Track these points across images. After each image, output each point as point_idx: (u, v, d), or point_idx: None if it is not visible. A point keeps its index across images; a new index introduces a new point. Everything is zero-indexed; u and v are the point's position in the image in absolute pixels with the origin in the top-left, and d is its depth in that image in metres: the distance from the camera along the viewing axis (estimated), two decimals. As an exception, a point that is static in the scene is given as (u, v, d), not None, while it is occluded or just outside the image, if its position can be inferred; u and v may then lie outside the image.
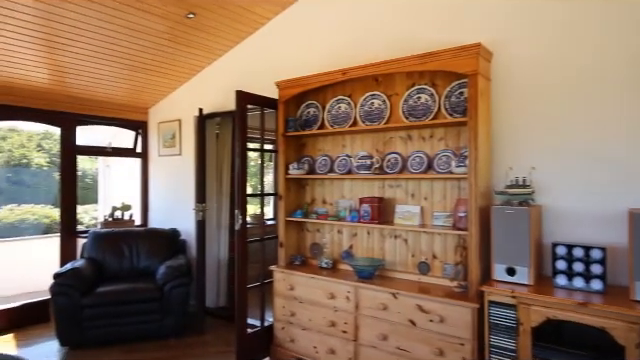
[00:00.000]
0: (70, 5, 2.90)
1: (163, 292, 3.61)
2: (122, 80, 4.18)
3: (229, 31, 3.73)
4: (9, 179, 8.97)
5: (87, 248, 4.10)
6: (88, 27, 3.20)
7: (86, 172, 8.32)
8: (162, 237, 4.28)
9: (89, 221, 6.88)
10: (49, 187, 9.15)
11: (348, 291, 2.81)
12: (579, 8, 2.33)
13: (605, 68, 2.25)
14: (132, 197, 5.14)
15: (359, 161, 3.00)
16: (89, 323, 3.45)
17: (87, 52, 3.54)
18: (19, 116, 4.15)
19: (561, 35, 2.39)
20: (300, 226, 3.51)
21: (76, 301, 3.41)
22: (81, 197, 4.60)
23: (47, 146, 10.62)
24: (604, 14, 2.26)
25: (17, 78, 3.73)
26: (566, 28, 2.37)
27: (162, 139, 4.85)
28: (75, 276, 3.50)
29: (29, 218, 6.66)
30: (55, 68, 3.72)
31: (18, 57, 3.42)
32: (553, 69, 2.41)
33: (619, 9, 2.22)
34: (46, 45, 3.34)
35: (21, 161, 9.71)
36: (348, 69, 2.93)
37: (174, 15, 3.28)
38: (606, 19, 2.25)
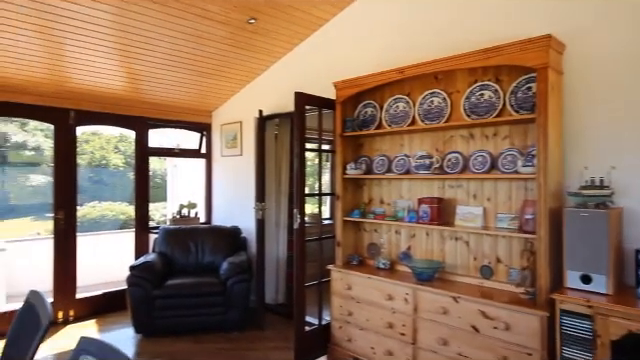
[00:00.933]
0: (143, 17, 3.13)
1: (226, 287, 3.79)
2: (189, 85, 4.44)
3: (288, 34, 3.82)
4: (91, 179, 9.86)
5: (158, 243, 4.40)
6: (159, 37, 3.43)
7: (156, 172, 8.93)
8: (224, 234, 4.48)
9: (159, 218, 7.38)
10: (125, 186, 9.93)
11: (406, 293, 2.77)
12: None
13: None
14: (197, 196, 5.43)
15: (418, 161, 2.93)
16: (160, 313, 3.71)
17: (158, 60, 3.79)
18: (102, 121, 4.54)
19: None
20: (357, 226, 3.51)
21: (148, 292, 3.68)
22: (152, 195, 4.93)
23: (123, 148, 11.54)
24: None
25: (99, 86, 4.10)
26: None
27: (224, 140, 5.08)
28: (147, 269, 3.77)
29: (108, 214, 7.29)
30: (130, 76, 4.03)
31: (99, 67, 3.74)
32: (637, 60, 2.20)
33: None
34: (123, 55, 3.63)
35: (101, 162, 10.63)
36: (406, 67, 2.88)
37: (236, 21, 3.42)
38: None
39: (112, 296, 4.45)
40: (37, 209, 8.47)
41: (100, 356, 1.24)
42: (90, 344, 1.29)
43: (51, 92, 3.98)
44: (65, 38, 3.23)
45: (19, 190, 8.64)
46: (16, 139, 9.55)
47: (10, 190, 8.30)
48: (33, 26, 3.01)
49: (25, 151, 9.89)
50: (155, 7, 3.03)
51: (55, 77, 3.79)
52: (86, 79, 3.91)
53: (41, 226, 7.15)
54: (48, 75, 3.73)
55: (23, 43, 3.18)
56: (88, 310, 4.28)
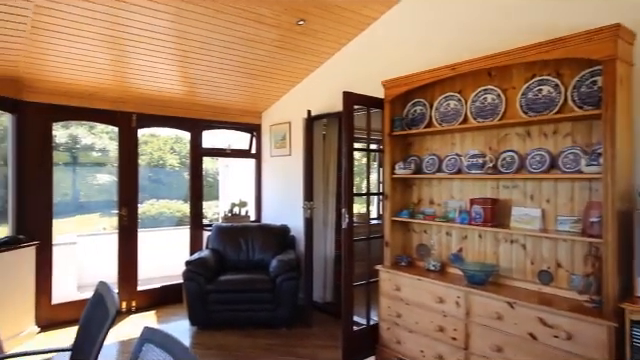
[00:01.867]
0: (200, 23, 3.27)
1: (275, 284, 3.87)
2: (240, 87, 4.58)
3: (336, 34, 3.83)
4: (150, 178, 10.44)
5: (211, 240, 4.59)
6: (213, 41, 3.57)
7: (208, 172, 9.30)
8: (274, 232, 4.58)
9: (212, 216, 7.68)
10: (180, 185, 10.42)
11: (458, 296, 2.69)
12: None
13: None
14: (247, 194, 5.59)
15: (470, 160, 2.84)
16: (213, 307, 3.86)
17: (212, 64, 3.95)
18: (160, 123, 4.80)
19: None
20: (406, 226, 3.46)
21: (202, 287, 3.84)
22: (205, 194, 5.14)
23: (178, 149, 12.13)
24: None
25: (158, 91, 4.34)
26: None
27: (273, 140, 5.19)
28: (202, 264, 3.94)
29: (165, 212, 7.69)
30: (187, 80, 4.23)
31: (159, 72, 3.97)
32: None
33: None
34: (180, 60, 3.82)
35: (158, 162, 11.24)
36: (458, 64, 2.80)
37: (285, 23, 3.48)
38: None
39: (170, 289, 4.69)
40: (103, 206, 9.10)
41: (162, 345, 1.32)
42: (153, 334, 1.37)
43: (116, 97, 4.27)
44: (129, 47, 3.45)
45: (88, 188, 9.35)
46: (85, 141, 10.34)
47: (80, 188, 9.00)
48: (101, 36, 3.24)
49: (93, 152, 10.68)
50: (211, 13, 3.16)
51: (119, 83, 4.06)
52: (147, 84, 4.16)
53: (107, 222, 7.69)
54: (114, 81, 4.00)
55: (92, 52, 3.44)
56: (148, 301, 4.56)
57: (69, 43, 3.25)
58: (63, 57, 3.44)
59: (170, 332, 1.34)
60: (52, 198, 3.97)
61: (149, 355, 1.37)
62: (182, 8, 3.05)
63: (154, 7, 2.98)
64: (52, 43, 3.22)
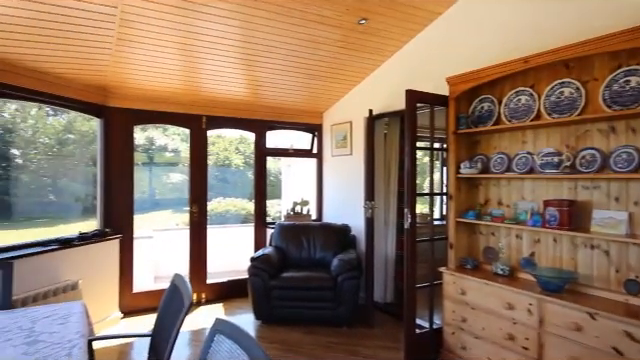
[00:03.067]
0: (265, 27, 3.39)
1: (336, 283, 3.90)
2: (302, 88, 4.67)
3: (398, 31, 3.78)
4: (216, 177, 11.00)
5: (274, 237, 4.73)
6: (278, 44, 3.68)
7: (271, 171, 9.61)
8: (335, 231, 4.62)
9: (274, 214, 7.92)
10: (244, 184, 10.87)
11: (530, 303, 2.53)
12: None
13: None
14: (309, 193, 5.69)
15: (544, 159, 2.66)
16: (276, 303, 3.99)
17: (276, 66, 4.07)
18: (228, 125, 5.04)
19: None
20: (472, 228, 3.32)
21: (266, 282, 3.98)
22: (268, 193, 5.30)
23: (242, 149, 12.65)
24: None
25: (226, 93, 4.56)
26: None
27: (335, 140, 5.23)
28: (266, 261, 4.08)
29: (231, 209, 8.06)
30: (252, 82, 4.40)
31: (227, 76, 4.17)
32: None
33: None
34: (246, 64, 3.98)
35: (224, 162, 11.81)
36: (531, 56, 2.63)
37: (347, 23, 3.50)
38: None
39: (236, 284, 4.92)
40: (175, 203, 9.75)
41: (232, 337, 1.39)
42: (224, 325, 1.45)
43: (187, 101, 4.56)
44: (200, 53, 3.66)
45: (162, 187, 10.07)
46: (159, 142, 11.14)
47: (156, 186, 9.71)
48: (176, 45, 3.48)
49: (166, 153, 11.49)
50: (275, 17, 3.26)
51: (191, 88, 4.33)
52: (216, 88, 4.39)
53: (179, 218, 8.23)
54: (186, 86, 4.27)
55: (168, 60, 3.70)
56: (216, 294, 4.81)
57: (148, 52, 3.52)
58: (143, 65, 3.73)
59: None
60: (133, 195, 4.34)
61: (220, 345, 1.46)
62: (248, 14, 3.17)
63: (223, 14, 3.13)
64: (134, 53, 3.51)
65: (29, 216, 7.89)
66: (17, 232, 7.19)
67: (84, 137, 8.81)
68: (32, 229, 7.60)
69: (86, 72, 3.66)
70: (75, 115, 8.68)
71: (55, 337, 1.74)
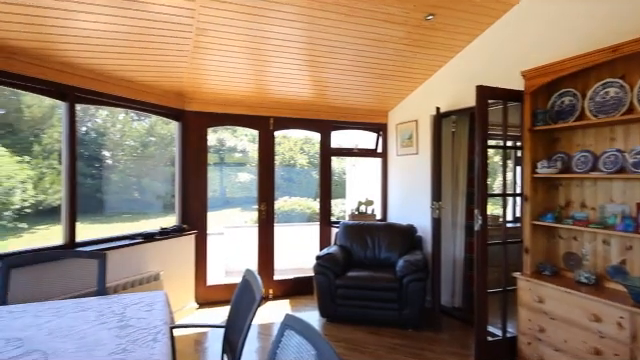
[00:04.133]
0: (330, 29, 3.43)
1: (402, 284, 3.84)
2: (367, 87, 4.66)
3: (468, 25, 3.63)
4: (282, 177, 11.33)
5: (339, 236, 4.77)
6: (343, 45, 3.70)
7: (334, 170, 9.69)
8: (400, 232, 4.55)
9: (338, 213, 7.97)
10: (309, 183, 11.07)
11: (621, 316, 2.31)
12: None
13: None
14: (373, 193, 5.66)
15: (637, 157, 2.41)
16: (341, 301, 4.02)
17: (341, 66, 4.10)
18: (294, 126, 5.16)
19: None
20: (550, 232, 3.09)
21: (331, 281, 4.03)
22: (332, 192, 5.35)
23: (307, 149, 12.90)
24: None
25: (292, 95, 4.69)
26: None
27: (400, 139, 5.14)
28: (331, 259, 4.13)
29: (296, 208, 8.25)
30: (318, 83, 4.48)
31: (293, 78, 4.28)
32: None
33: None
34: (312, 65, 4.06)
35: (290, 162, 12.13)
36: (622, 44, 2.39)
37: (414, 20, 3.43)
38: None
39: (301, 281, 5.03)
40: (243, 201, 10.22)
41: (302, 333, 1.44)
42: (294, 321, 1.50)
43: (256, 103, 4.75)
44: (268, 57, 3.80)
45: (231, 185, 10.61)
46: (229, 144, 11.73)
47: (226, 185, 10.25)
48: (246, 50, 3.64)
49: (235, 153, 12.08)
50: (340, 18, 3.28)
51: (259, 90, 4.50)
52: (282, 90, 4.52)
53: (247, 216, 8.61)
54: (255, 89, 4.46)
55: (239, 65, 3.89)
56: (282, 291, 4.96)
57: (221, 58, 3.73)
58: (216, 71, 3.95)
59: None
60: (207, 194, 4.61)
61: (290, 340, 1.51)
62: (314, 16, 3.23)
63: (289, 17, 3.22)
64: (208, 60, 3.73)
65: (117, 212, 8.74)
66: (108, 225, 8.01)
67: (163, 139, 9.56)
68: (119, 223, 8.42)
69: (166, 79, 3.96)
70: (156, 119, 9.44)
71: (142, 323, 1.91)
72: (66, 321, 1.90)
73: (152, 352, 1.58)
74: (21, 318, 1.92)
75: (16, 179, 7.53)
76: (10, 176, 7.47)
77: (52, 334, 1.74)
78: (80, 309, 2.08)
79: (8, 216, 7.52)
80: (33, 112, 8.18)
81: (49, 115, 8.31)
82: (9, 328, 1.80)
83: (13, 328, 1.80)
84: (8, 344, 1.63)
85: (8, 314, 1.98)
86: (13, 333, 1.74)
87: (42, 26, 2.75)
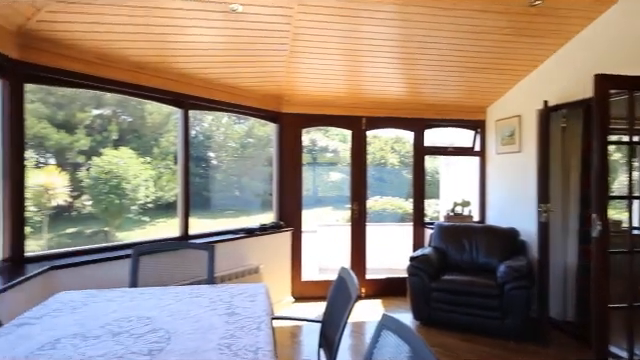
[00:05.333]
0: (424, 24, 3.34)
1: (503, 291, 3.59)
2: (464, 83, 4.44)
3: (583, 7, 3.25)
4: (373, 176, 11.30)
5: (433, 238, 4.62)
6: (438, 40, 3.58)
7: (427, 170, 9.41)
8: (500, 235, 4.25)
9: (431, 214, 7.72)
10: (400, 183, 10.89)
11: None
12: None
13: None
14: (470, 193, 5.36)
15: None
16: (435, 305, 3.89)
17: (436, 62, 3.97)
18: (386, 125, 5.13)
19: None
20: (692, 241, 2.64)
21: (425, 283, 3.92)
22: (425, 192, 5.20)
23: (397, 148, 12.70)
24: None
25: (384, 94, 4.66)
26: None
27: (500, 137, 4.80)
28: (425, 261, 4.02)
29: (388, 208, 8.18)
30: (410, 81, 4.39)
31: (385, 77, 4.26)
32: None
33: None
34: (404, 63, 3.99)
35: (380, 161, 12.06)
36: None
37: (517, 7, 3.17)
38: None
39: (393, 282, 4.97)
40: (335, 200, 10.42)
41: (399, 334, 1.43)
42: (391, 322, 1.50)
43: (348, 103, 4.81)
44: (361, 56, 3.83)
45: (323, 185, 10.88)
46: (321, 144, 12.04)
47: (318, 184, 10.55)
48: (340, 51, 3.72)
49: (326, 153, 12.36)
50: (434, 12, 3.18)
51: (352, 90, 4.56)
52: (375, 89, 4.52)
53: (339, 214, 8.77)
54: (347, 89, 4.52)
55: (332, 66, 3.99)
56: (374, 290, 4.95)
57: (316, 61, 3.85)
58: (311, 73, 4.10)
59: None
60: (302, 192, 4.80)
61: (386, 340, 1.51)
62: (407, 12, 3.17)
63: (383, 16, 3.21)
64: (304, 63, 3.88)
65: (221, 208, 9.54)
66: (214, 221, 8.79)
67: (260, 141, 10.18)
68: (222, 219, 9.18)
69: (265, 84, 4.21)
70: (254, 122, 10.11)
71: (247, 312, 2.06)
72: (184, 305, 2.13)
73: (257, 340, 1.70)
74: (149, 300, 2.20)
75: (141, 178, 8.67)
76: (136, 175, 8.62)
77: (173, 316, 1.96)
78: (194, 295, 2.31)
79: (135, 210, 8.70)
80: (154, 119, 9.34)
81: (166, 121, 9.40)
82: (140, 307, 2.07)
83: (143, 308, 2.07)
84: (140, 321, 1.88)
85: (139, 295, 2.28)
86: (143, 312, 2.01)
87: (162, 42, 3.12)
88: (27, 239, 2.75)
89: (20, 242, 2.66)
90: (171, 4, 2.72)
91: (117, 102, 9.09)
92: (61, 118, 8.60)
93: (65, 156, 8.62)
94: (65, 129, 8.58)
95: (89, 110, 9.03)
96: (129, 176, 8.56)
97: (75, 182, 8.41)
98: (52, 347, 1.57)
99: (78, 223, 8.69)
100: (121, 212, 8.65)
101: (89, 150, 8.77)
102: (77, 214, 8.62)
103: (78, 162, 8.69)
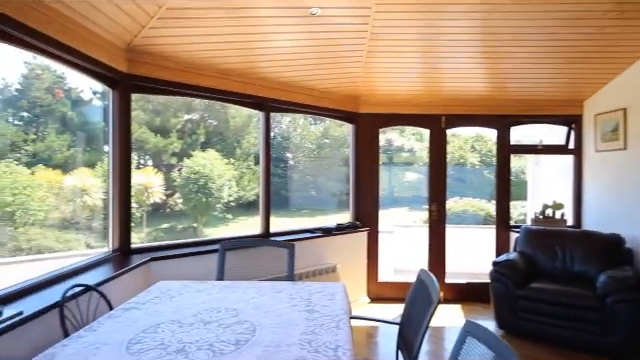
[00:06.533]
0: (511, 14, 3.12)
1: (604, 304, 3.24)
2: (557, 75, 4.08)
3: None
4: (451, 176, 10.86)
5: (519, 242, 4.30)
6: (527, 30, 3.32)
7: (511, 169, 8.81)
8: (600, 242, 3.83)
9: (517, 216, 7.21)
10: (481, 183, 10.33)
11: None
12: None
13: None
14: (563, 195, 4.91)
15: None
16: (523, 314, 3.62)
17: (524, 54, 3.69)
18: (467, 123, 4.92)
19: None
20: None
21: (511, 291, 3.67)
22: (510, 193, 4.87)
23: (478, 147, 12.05)
24: None
25: (465, 90, 4.46)
26: None
27: (600, 132, 4.33)
28: (510, 267, 3.76)
29: (469, 210, 7.80)
30: (495, 76, 4.14)
31: (466, 73, 4.06)
32: None
33: None
34: (488, 57, 3.78)
35: (459, 161, 11.55)
36: None
37: (624, -12, 2.84)
38: None
39: (475, 287, 4.72)
40: (411, 201, 10.18)
41: (485, 342, 1.36)
42: (476, 328, 1.43)
43: (427, 102, 4.67)
44: (440, 52, 3.70)
45: (399, 185, 10.69)
46: (396, 143, 11.84)
47: (394, 185, 10.40)
48: (417, 48, 3.63)
49: (402, 153, 12.11)
50: (524, 1, 2.96)
51: (430, 88, 4.42)
52: (455, 86, 4.34)
53: (415, 215, 8.55)
54: (425, 87, 4.40)
55: (409, 64, 3.91)
56: (454, 295, 4.75)
57: (393, 59, 3.80)
58: (388, 72, 4.06)
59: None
60: (378, 192, 4.77)
61: (471, 347, 1.44)
62: (493, 3, 2.99)
63: (464, 9, 3.06)
64: (381, 62, 3.85)
65: (298, 207, 9.86)
66: (291, 219, 9.11)
67: (336, 141, 10.32)
68: (299, 218, 9.47)
69: (342, 84, 4.26)
70: (330, 123, 10.30)
71: (326, 310, 2.10)
72: (266, 300, 2.23)
73: (336, 338, 1.72)
74: (234, 293, 2.35)
75: (224, 178, 9.29)
76: (221, 175, 9.26)
77: (257, 309, 2.07)
78: (275, 291, 2.41)
79: (219, 208, 9.35)
80: (236, 122, 9.95)
81: (247, 124, 9.95)
82: (227, 300, 2.21)
83: (229, 300, 2.21)
84: (227, 312, 2.01)
85: (225, 288, 2.44)
86: (230, 304, 2.14)
87: (246, 49, 3.30)
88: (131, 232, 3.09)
89: (127, 235, 2.99)
90: (256, 12, 2.87)
91: (205, 107, 9.85)
92: (157, 123, 9.53)
93: (160, 158, 9.54)
94: (160, 133, 9.49)
95: (181, 115, 9.89)
96: (214, 176, 9.20)
97: (168, 182, 9.26)
98: (154, 331, 1.74)
99: (171, 219, 9.54)
100: (208, 210, 9.34)
101: (180, 152, 9.61)
102: (170, 211, 9.47)
103: (171, 163, 9.57)
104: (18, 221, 6.56)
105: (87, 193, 7.24)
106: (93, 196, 7.23)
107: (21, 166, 7.19)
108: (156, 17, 2.65)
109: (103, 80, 2.81)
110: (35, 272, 2.25)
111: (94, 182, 7.31)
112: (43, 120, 8.49)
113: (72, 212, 7.34)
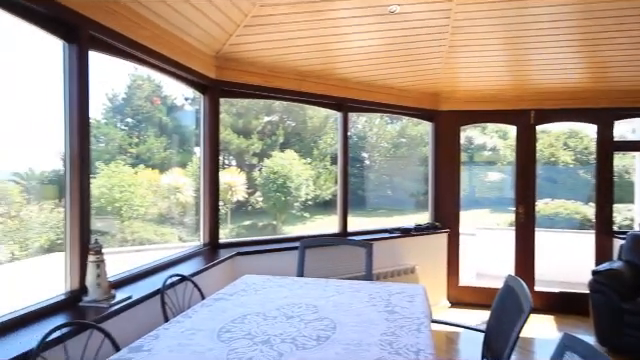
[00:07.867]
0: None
1: None
2: (673, 60, 3.58)
3: None
4: (540, 176, 10.03)
5: (625, 250, 3.84)
6: (634, 12, 2.96)
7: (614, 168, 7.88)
8: None
9: (621, 221, 6.45)
10: (575, 184, 9.40)
11: None
12: None
13: None
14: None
15: None
16: (629, 331, 3.23)
17: (632, 39, 3.29)
18: (560, 118, 4.51)
19: None
20: None
21: (615, 303, 3.29)
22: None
23: (572, 144, 10.97)
24: None
25: (557, 83, 4.09)
26: None
27: None
28: (614, 277, 3.38)
29: (561, 212, 7.15)
30: (593, 64, 3.75)
31: (559, 64, 3.73)
32: None
33: None
34: (585, 45, 3.43)
35: (549, 159, 10.61)
36: None
37: None
38: None
39: (570, 297, 4.31)
40: (493, 202, 9.60)
41: (588, 358, 1.24)
42: (575, 343, 1.32)
43: (512, 96, 4.36)
44: (528, 43, 3.44)
45: (480, 185, 10.13)
46: (477, 142, 11.23)
47: (475, 185, 9.89)
48: (503, 40, 3.42)
49: (484, 152, 11.45)
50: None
51: (517, 82, 4.13)
52: (546, 78, 4.01)
53: (498, 218, 8.04)
54: (511, 82, 4.12)
55: (494, 58, 3.69)
56: (545, 305, 4.37)
57: (477, 54, 3.62)
58: (471, 67, 3.88)
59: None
60: (459, 193, 4.56)
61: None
62: (593, -15, 2.71)
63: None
64: (463, 57, 3.69)
65: (374, 207, 9.81)
66: (368, 219, 9.10)
67: (413, 140, 10.09)
68: (376, 218, 9.42)
69: (421, 82, 4.15)
70: (406, 122, 10.09)
71: (406, 312, 2.06)
72: (345, 298, 2.26)
73: (417, 340, 1.69)
74: (314, 290, 2.41)
75: (302, 177, 9.57)
76: (298, 175, 9.56)
77: (336, 307, 2.10)
78: (354, 290, 2.43)
79: (297, 206, 9.66)
80: (313, 122, 10.19)
81: (324, 124, 10.14)
82: (307, 296, 2.28)
83: (310, 297, 2.27)
84: (308, 308, 2.07)
85: (305, 285, 2.51)
86: (310, 301, 2.20)
87: (325, 50, 3.36)
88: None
89: (216, 230, 3.21)
90: (335, 14, 2.91)
91: (283, 109, 10.24)
92: (240, 125, 10.12)
93: (243, 158, 10.12)
94: (243, 135, 10.05)
95: (261, 117, 10.39)
96: (293, 176, 9.52)
97: (250, 181, 9.79)
98: (241, 321, 1.85)
99: (252, 216, 10.06)
100: (286, 208, 9.70)
101: (261, 152, 10.09)
102: (251, 209, 10.00)
103: (252, 163, 10.10)
104: (124, 215, 7.43)
105: (180, 191, 7.93)
106: (185, 194, 7.90)
107: (127, 166, 8.13)
108: (242, 25, 2.81)
109: (196, 87, 3.06)
110: (137, 261, 2.52)
111: (185, 181, 7.99)
112: (144, 125, 9.51)
113: (167, 208, 8.11)
